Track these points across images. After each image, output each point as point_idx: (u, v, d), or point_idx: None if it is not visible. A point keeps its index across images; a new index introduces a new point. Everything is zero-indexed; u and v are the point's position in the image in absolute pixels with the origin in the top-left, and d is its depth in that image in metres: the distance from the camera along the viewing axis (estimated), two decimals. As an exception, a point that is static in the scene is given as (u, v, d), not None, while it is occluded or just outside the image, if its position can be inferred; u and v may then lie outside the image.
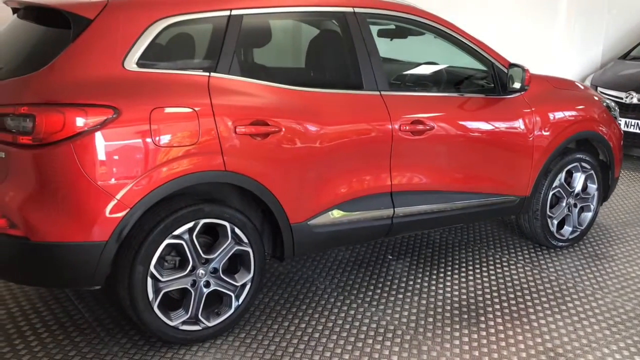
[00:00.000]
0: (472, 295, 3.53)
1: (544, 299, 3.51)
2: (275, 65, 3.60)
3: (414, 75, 3.85)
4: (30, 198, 2.50)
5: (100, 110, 2.52)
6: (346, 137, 3.14)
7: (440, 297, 3.48)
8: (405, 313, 3.29)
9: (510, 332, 3.14)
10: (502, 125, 3.70)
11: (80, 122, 2.47)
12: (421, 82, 3.78)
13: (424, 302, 3.42)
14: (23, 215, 2.49)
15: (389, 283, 3.65)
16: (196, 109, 2.70)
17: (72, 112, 2.47)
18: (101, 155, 2.52)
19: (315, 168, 3.07)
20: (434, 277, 3.75)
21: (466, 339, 3.06)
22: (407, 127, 3.30)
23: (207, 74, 2.81)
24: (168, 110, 2.65)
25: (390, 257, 4.03)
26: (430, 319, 3.23)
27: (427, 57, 4.06)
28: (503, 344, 3.04)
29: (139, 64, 2.65)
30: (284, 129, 2.92)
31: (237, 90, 2.87)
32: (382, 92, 3.28)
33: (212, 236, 2.94)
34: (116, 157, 2.55)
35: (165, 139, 2.63)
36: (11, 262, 2.61)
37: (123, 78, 2.61)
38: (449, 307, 3.37)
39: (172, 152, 2.65)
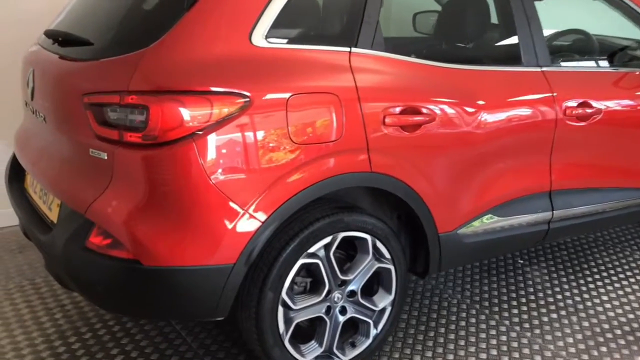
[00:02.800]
0: (640, 313, 2.95)
1: None
2: (416, 37, 2.99)
3: (571, 46, 3.20)
4: (141, 211, 1.95)
5: (228, 98, 1.95)
6: (505, 126, 2.52)
7: (603, 317, 2.89)
8: (570, 340, 2.71)
9: None
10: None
11: (203, 114, 1.91)
12: (579, 55, 3.13)
13: (585, 324, 2.84)
14: (132, 232, 1.95)
15: (532, 297, 3.07)
16: (339, 94, 2.13)
17: (193, 102, 1.91)
18: (229, 157, 1.95)
19: (470, 165, 2.48)
20: (584, 288, 3.16)
21: (658, 377, 2.50)
22: (574, 112, 2.69)
23: (348, 49, 2.21)
24: (307, 96, 2.07)
25: (522, 261, 3.45)
26: (604, 349, 2.64)
27: (564, 23, 3.43)
28: None
29: (268, 39, 2.07)
30: (437, 118, 2.33)
31: (383, 70, 2.27)
32: (544, 68, 2.67)
33: (344, 250, 2.41)
34: (246, 159, 1.98)
35: (304, 133, 2.06)
36: (114, 290, 2.07)
37: (251, 56, 2.03)
38: (619, 332, 2.77)
39: (312, 150, 2.08)
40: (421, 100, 2.29)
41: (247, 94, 1.97)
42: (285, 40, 2.13)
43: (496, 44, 2.77)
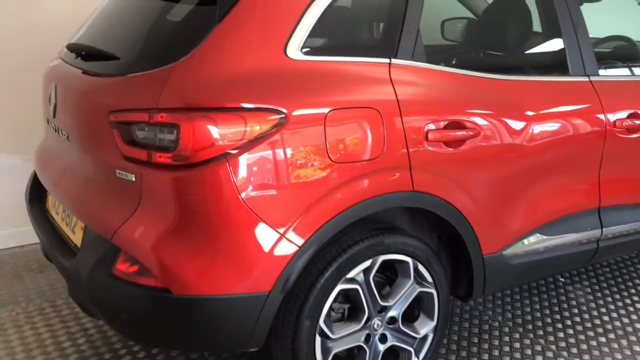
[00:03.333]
0: (696, 337, 2.76)
1: None
2: (458, 46, 2.86)
3: (613, 53, 3.04)
4: (172, 237, 1.82)
5: (262, 115, 1.82)
6: (553, 140, 2.36)
7: (656, 341, 2.73)
8: (623, 366, 2.56)
9: None
10: None
11: (237, 132, 1.78)
12: (623, 63, 2.97)
13: (637, 348, 2.65)
14: (162, 260, 1.83)
15: (577, 319, 2.90)
16: (380, 108, 2.00)
17: (226, 119, 1.78)
18: (264, 178, 1.82)
19: (516, 182, 2.33)
20: (631, 308, 2.98)
21: None
22: (623, 123, 2.52)
23: (387, 60, 2.08)
24: (346, 111, 1.94)
25: (563, 280, 3.28)
26: (662, 376, 2.49)
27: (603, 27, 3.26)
28: None
29: (304, 51, 1.94)
30: (482, 133, 2.19)
31: (425, 82, 2.13)
32: (592, 78, 2.51)
33: (382, 273, 2.26)
34: (282, 179, 1.85)
35: (343, 150, 1.92)
36: (141, 320, 1.94)
37: (287, 70, 1.90)
38: (675, 357, 2.62)
39: (352, 169, 1.94)
40: (466, 114, 2.15)
41: (283, 110, 1.84)
42: (322, 52, 1.99)
43: (541, 53, 2.62)
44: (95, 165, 2.06)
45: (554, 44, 2.51)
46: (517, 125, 2.26)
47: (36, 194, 2.60)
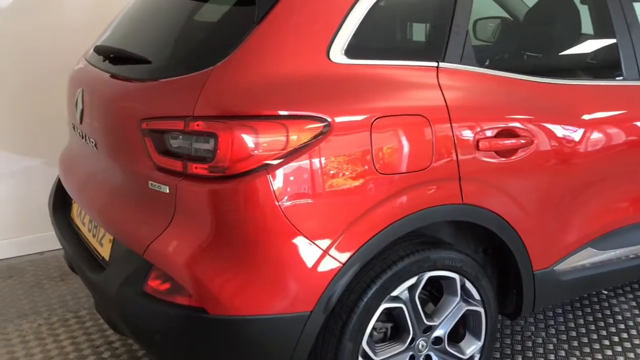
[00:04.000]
0: None
1: None
2: (506, 48, 2.71)
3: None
4: (208, 254, 1.71)
5: (305, 123, 1.69)
6: (608, 149, 2.23)
7: None
8: (680, 389, 2.40)
9: None
10: None
11: (278, 142, 1.66)
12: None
13: (693, 368, 2.53)
14: (198, 278, 1.70)
15: (625, 335, 2.74)
16: (428, 115, 1.87)
17: (266, 128, 1.67)
18: (307, 191, 1.70)
19: (571, 193, 2.19)
20: (682, 325, 2.84)
21: None
22: (681, 131, 2.38)
23: (435, 64, 1.95)
24: (393, 119, 1.81)
25: (605, 292, 3.13)
26: None
27: None
28: None
29: (348, 54, 1.81)
30: (535, 141, 2.05)
31: (475, 87, 1.99)
32: (646, 82, 2.37)
33: (426, 290, 2.13)
34: (326, 193, 1.72)
35: (389, 161, 1.79)
36: (174, 341, 1.82)
37: (330, 75, 1.77)
38: None
39: (398, 181, 1.82)
40: (518, 120, 2.01)
41: (327, 117, 1.71)
42: (366, 56, 1.85)
43: (594, 55, 2.47)
44: (126, 176, 1.95)
45: (607, 46, 2.36)
46: (571, 133, 2.12)
47: (60, 202, 2.50)
